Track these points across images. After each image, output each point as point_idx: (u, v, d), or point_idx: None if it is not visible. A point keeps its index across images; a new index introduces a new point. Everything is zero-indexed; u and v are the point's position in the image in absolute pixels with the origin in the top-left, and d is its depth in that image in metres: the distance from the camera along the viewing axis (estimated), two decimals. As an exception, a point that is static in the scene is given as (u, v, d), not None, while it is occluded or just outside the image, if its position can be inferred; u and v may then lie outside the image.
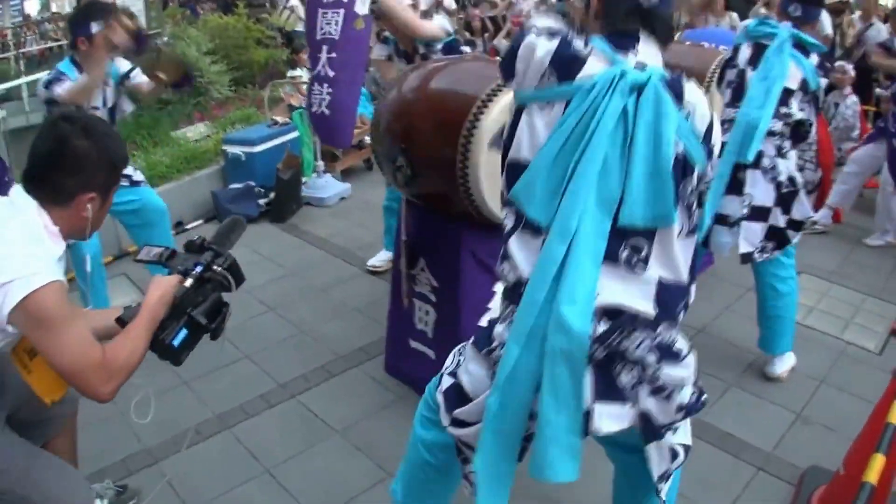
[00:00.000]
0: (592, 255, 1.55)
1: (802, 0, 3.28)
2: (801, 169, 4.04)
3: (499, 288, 1.80)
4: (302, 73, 7.55)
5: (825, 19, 8.31)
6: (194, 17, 11.22)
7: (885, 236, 5.29)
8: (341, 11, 5.13)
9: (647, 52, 1.64)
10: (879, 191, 5.37)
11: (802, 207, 3.36)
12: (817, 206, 5.62)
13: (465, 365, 1.85)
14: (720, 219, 3.41)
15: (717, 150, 1.66)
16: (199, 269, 2.01)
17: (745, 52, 3.40)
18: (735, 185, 3.33)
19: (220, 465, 2.99)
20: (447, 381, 1.91)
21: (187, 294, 1.97)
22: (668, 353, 1.67)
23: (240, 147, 5.85)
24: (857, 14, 8.43)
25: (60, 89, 3.60)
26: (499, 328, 1.72)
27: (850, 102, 6.73)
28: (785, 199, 3.32)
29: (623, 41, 1.63)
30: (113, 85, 3.89)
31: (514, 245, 1.68)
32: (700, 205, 1.68)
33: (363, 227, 5.50)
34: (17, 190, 1.85)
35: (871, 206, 5.61)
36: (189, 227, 5.46)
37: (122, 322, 1.93)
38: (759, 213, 3.33)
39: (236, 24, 8.87)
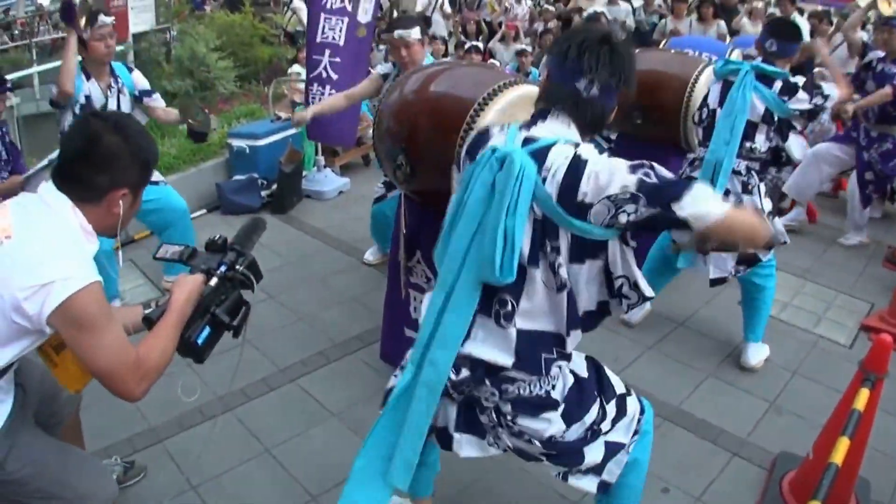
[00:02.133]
0: (464, 306, 1.73)
1: (779, 37, 3.27)
2: (774, 186, 4.06)
3: None
4: (301, 71, 7.54)
5: (804, 27, 8.35)
6: (199, 12, 11.15)
7: (858, 236, 5.31)
8: (345, 19, 5.17)
9: (548, 127, 1.75)
10: (848, 197, 5.37)
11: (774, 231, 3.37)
12: (791, 205, 5.65)
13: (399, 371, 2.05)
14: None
15: (601, 191, 1.61)
16: (223, 268, 1.99)
17: (715, 92, 3.43)
18: None
19: (222, 444, 3.00)
20: (392, 381, 2.09)
21: (211, 293, 1.95)
22: (527, 406, 1.81)
23: (244, 141, 5.85)
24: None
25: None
26: (410, 351, 1.91)
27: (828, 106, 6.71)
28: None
29: (536, 118, 1.79)
30: (128, 94, 3.88)
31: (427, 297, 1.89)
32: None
33: (360, 220, 5.49)
34: (47, 188, 1.77)
35: (844, 207, 5.64)
36: (194, 215, 5.43)
37: (148, 321, 1.89)
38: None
39: (242, 21, 8.85)
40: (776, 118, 3.25)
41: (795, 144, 3.34)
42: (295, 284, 4.46)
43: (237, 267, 2.00)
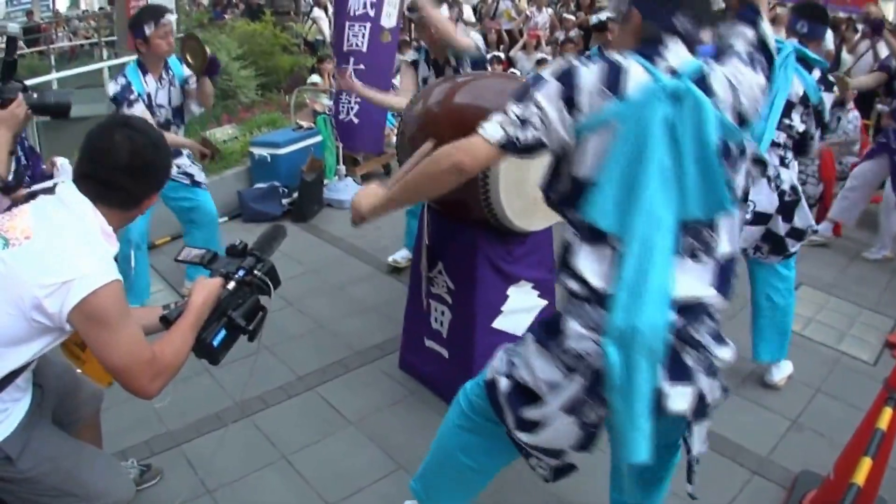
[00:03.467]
0: (665, 255, 1.63)
1: (809, 18, 3.34)
2: (803, 183, 4.05)
3: (512, 292, 1.86)
4: (318, 81, 7.63)
5: (827, 35, 8.30)
6: (219, 21, 11.30)
7: (883, 250, 5.28)
8: (368, 25, 5.21)
9: (676, 54, 1.71)
10: (882, 205, 5.35)
11: (804, 215, 3.38)
12: (818, 220, 5.63)
13: (524, 362, 1.86)
14: None
15: (755, 104, 1.74)
16: (241, 273, 2.02)
17: None
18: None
19: (239, 450, 3.04)
20: (505, 383, 1.91)
21: (228, 297, 1.98)
22: (718, 337, 1.79)
23: (266, 149, 5.94)
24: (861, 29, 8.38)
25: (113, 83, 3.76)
26: (573, 325, 1.75)
27: (852, 117, 6.70)
28: (787, 207, 3.34)
29: (651, 49, 1.71)
30: (178, 85, 3.98)
31: (584, 261, 1.74)
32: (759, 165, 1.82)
33: (380, 229, 5.52)
34: (67, 189, 1.80)
35: (871, 221, 5.60)
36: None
37: (165, 321, 1.94)
38: (760, 218, 3.36)
39: (263, 31, 8.97)
40: (811, 104, 3.29)
41: (817, 139, 3.41)
42: (314, 292, 4.50)
43: (255, 272, 2.03)
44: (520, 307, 3.13)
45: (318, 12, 10.71)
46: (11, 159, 2.64)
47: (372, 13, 5.31)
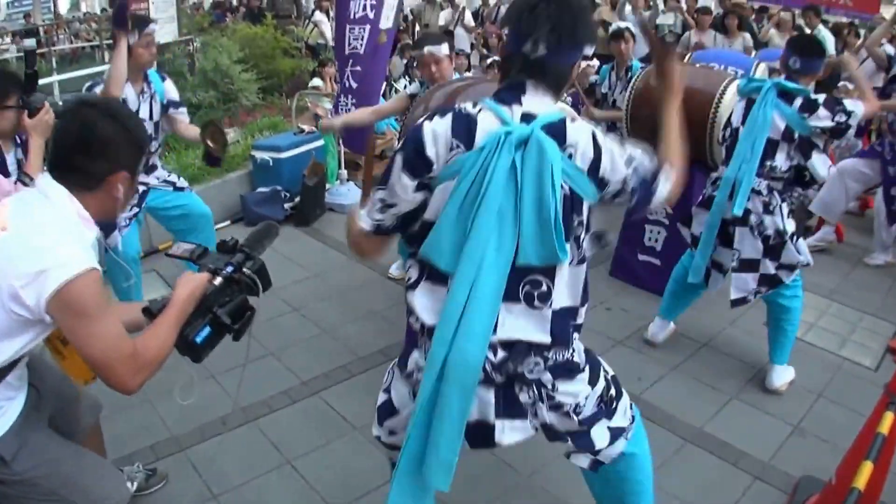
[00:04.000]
0: (491, 296, 1.70)
1: (802, 54, 3.31)
2: (801, 202, 4.06)
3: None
4: (320, 84, 7.66)
5: (829, 40, 8.35)
6: (220, 24, 11.33)
7: (885, 256, 5.31)
8: (367, 27, 5.24)
9: (534, 101, 1.75)
10: (875, 214, 5.37)
11: (790, 254, 3.40)
12: (818, 227, 5.65)
13: (393, 383, 2.03)
14: (716, 265, 3.57)
15: (614, 174, 1.76)
16: (229, 269, 1.98)
17: (739, 111, 3.46)
18: (725, 238, 3.46)
19: (243, 454, 3.07)
20: (382, 397, 2.07)
21: (215, 293, 1.94)
22: (562, 371, 1.84)
23: (268, 153, 5.95)
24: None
25: (98, 88, 3.73)
26: (414, 354, 1.91)
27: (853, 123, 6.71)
28: (773, 250, 3.39)
29: (510, 94, 1.75)
30: (159, 101, 3.96)
31: (419, 298, 1.83)
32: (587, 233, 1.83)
33: (382, 233, 5.56)
34: (44, 178, 1.79)
35: (871, 226, 5.63)
36: (217, 227, 5.52)
37: (148, 313, 1.90)
38: (748, 266, 3.43)
39: (265, 34, 8.98)
40: (797, 136, 3.27)
41: (819, 163, 3.33)
42: (318, 297, 4.53)
43: (245, 269, 1.99)
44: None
45: (319, 16, 10.73)
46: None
47: (371, 15, 5.34)
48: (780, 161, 3.31)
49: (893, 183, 5.12)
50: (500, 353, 1.77)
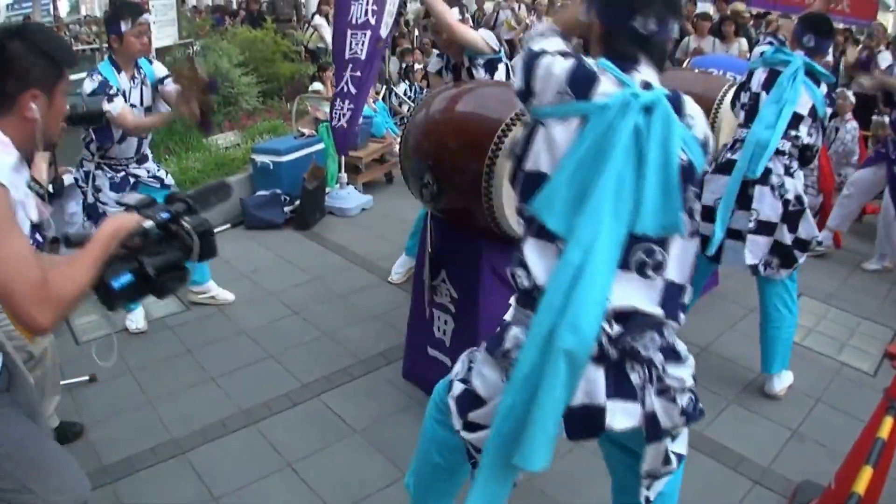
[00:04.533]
0: (607, 264, 1.59)
1: (816, 32, 3.37)
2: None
3: (515, 301, 1.86)
4: (321, 88, 7.68)
5: (827, 45, 8.36)
6: (220, 27, 11.33)
7: (882, 261, 5.34)
8: (368, 33, 5.26)
9: (648, 73, 1.73)
10: (880, 216, 5.39)
11: (808, 226, 3.42)
12: (818, 230, 5.68)
13: (477, 370, 1.88)
14: (733, 234, 3.47)
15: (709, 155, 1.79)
16: (165, 215, 1.81)
17: (760, 77, 3.48)
18: (744, 201, 3.41)
19: (244, 457, 3.07)
20: (458, 387, 1.92)
21: (147, 243, 1.78)
22: (672, 354, 1.75)
23: (268, 156, 5.96)
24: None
25: (114, 110, 3.64)
26: (513, 330, 1.76)
27: (850, 128, 6.76)
28: (791, 217, 3.38)
29: (626, 63, 1.71)
30: (150, 85, 3.95)
31: (530, 252, 1.71)
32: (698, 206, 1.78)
33: (383, 238, 5.58)
34: None
35: (869, 232, 5.66)
36: (217, 230, 5.51)
37: (66, 240, 1.79)
38: (764, 228, 3.39)
39: (265, 38, 8.99)
40: (819, 117, 3.36)
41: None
42: (318, 300, 4.54)
43: (183, 221, 1.81)
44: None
45: (319, 20, 10.74)
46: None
47: (373, 21, 5.35)
48: (804, 132, 3.36)
49: None
50: (616, 326, 1.65)
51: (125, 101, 3.77)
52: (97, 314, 2.22)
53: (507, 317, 1.84)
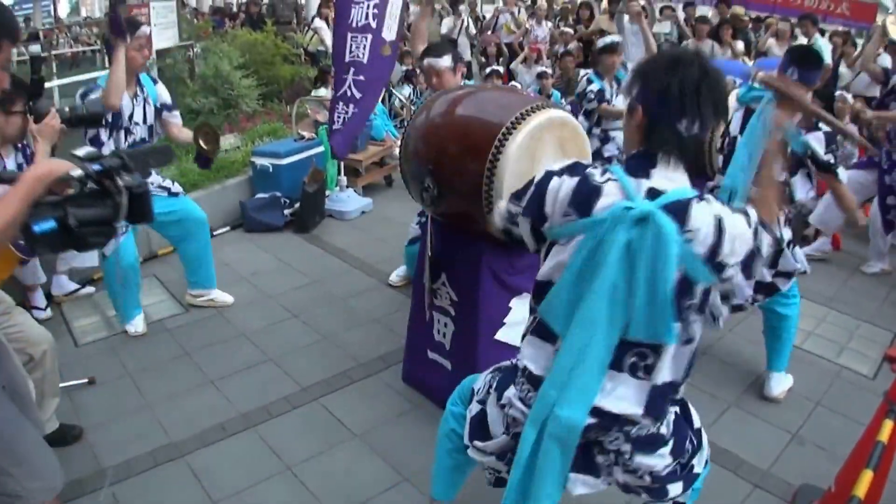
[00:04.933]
0: (598, 365, 1.73)
1: (800, 64, 3.27)
2: (798, 211, 4.05)
3: (515, 304, 1.93)
4: (327, 92, 7.67)
5: (826, 49, 8.38)
6: (220, 30, 11.34)
7: (881, 264, 5.34)
8: (369, 36, 5.25)
9: (665, 175, 1.71)
10: (870, 223, 5.39)
11: (787, 262, 3.38)
12: (816, 235, 5.68)
13: (492, 400, 2.06)
14: None
15: (733, 257, 1.69)
16: (97, 167, 1.74)
17: (737, 120, 3.44)
18: None
19: (243, 461, 3.07)
20: (476, 408, 2.13)
21: (81, 195, 1.73)
22: (644, 445, 1.87)
23: (268, 159, 5.96)
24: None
25: (94, 94, 3.70)
26: (511, 391, 1.97)
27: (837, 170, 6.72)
28: (769, 259, 3.36)
29: (641, 164, 1.74)
30: (153, 105, 3.97)
31: (527, 344, 1.92)
32: (724, 301, 1.82)
33: (382, 241, 5.57)
34: None
35: (868, 235, 5.65)
36: (216, 233, 5.54)
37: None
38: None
39: (265, 40, 8.99)
40: (790, 150, 3.24)
41: (799, 184, 3.34)
42: (318, 304, 4.53)
43: (117, 177, 1.75)
44: (522, 319, 3.14)
45: (319, 23, 10.74)
46: None
47: (374, 24, 5.34)
48: (776, 171, 3.30)
49: (889, 192, 5.16)
50: (590, 419, 1.78)
51: (121, 114, 3.80)
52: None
53: (512, 363, 2.04)
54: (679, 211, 1.65)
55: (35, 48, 3.43)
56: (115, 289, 4.02)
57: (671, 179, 1.71)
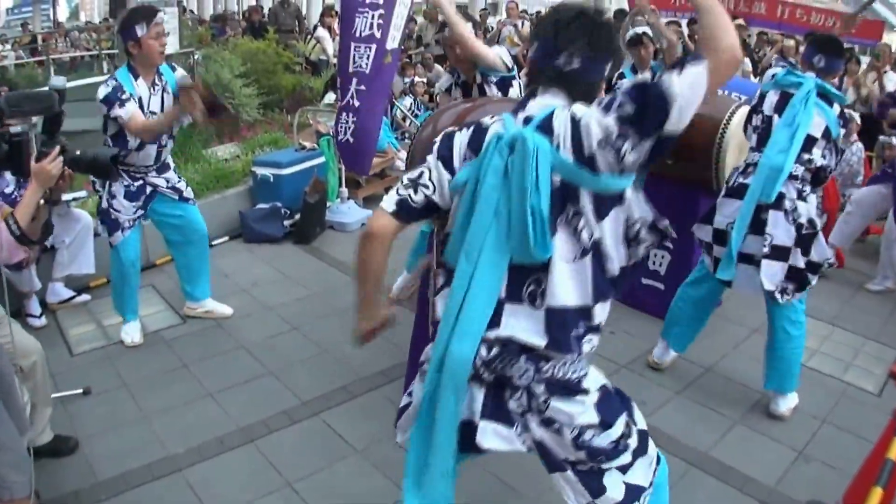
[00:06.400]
0: (487, 292, 1.74)
1: (826, 52, 3.39)
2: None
3: None
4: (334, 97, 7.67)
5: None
6: (221, 37, 11.37)
7: (886, 282, 5.34)
8: (373, 46, 5.24)
9: (541, 103, 1.78)
10: (884, 236, 5.41)
11: (821, 248, 3.42)
12: (825, 250, 5.69)
13: (415, 385, 2.04)
14: (744, 258, 3.48)
15: (591, 138, 1.67)
16: None
17: (772, 100, 3.49)
18: (757, 226, 3.41)
19: (242, 476, 3.04)
20: (405, 400, 2.10)
21: None
22: (560, 388, 1.80)
23: (268, 169, 5.96)
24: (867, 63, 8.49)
25: (125, 114, 3.60)
26: (428, 349, 1.94)
27: (856, 149, 6.79)
28: (804, 240, 3.38)
29: (524, 101, 1.83)
30: (171, 92, 3.89)
31: (440, 298, 1.90)
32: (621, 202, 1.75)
33: (383, 251, 5.55)
34: None
35: (873, 252, 5.67)
36: (216, 242, 5.53)
37: None
38: (778, 253, 3.39)
39: (266, 49, 8.99)
40: (833, 137, 3.36)
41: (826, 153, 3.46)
42: (318, 316, 4.52)
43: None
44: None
45: (321, 32, 10.77)
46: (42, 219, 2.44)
47: (378, 34, 5.33)
48: (817, 155, 3.36)
49: None
50: (493, 351, 1.78)
51: (143, 107, 3.73)
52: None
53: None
54: (546, 126, 1.72)
55: (60, 81, 3.36)
56: (117, 284, 4.05)
57: (545, 105, 1.77)
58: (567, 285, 1.74)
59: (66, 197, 4.24)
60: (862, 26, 9.30)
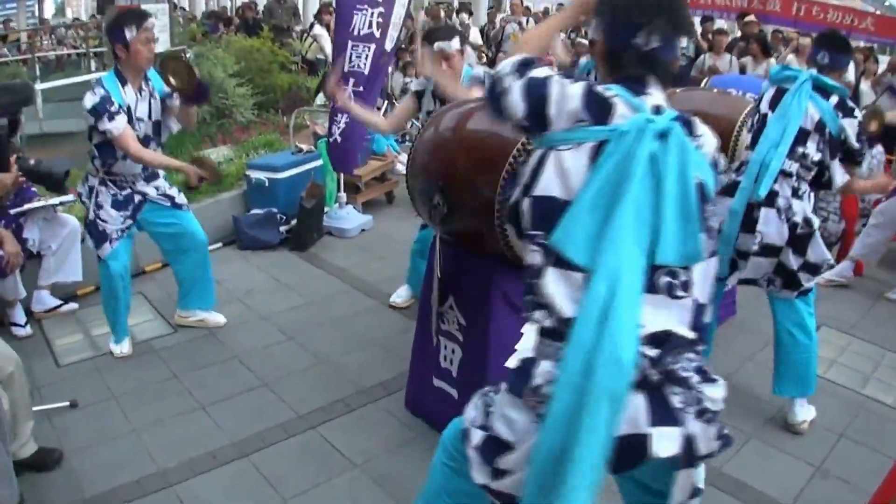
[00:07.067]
0: (634, 291, 1.62)
1: (830, 48, 3.42)
2: (824, 220, 4.07)
3: (528, 329, 1.84)
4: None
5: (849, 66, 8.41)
6: (213, 35, 11.39)
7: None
8: (372, 46, 5.28)
9: (658, 96, 1.77)
10: None
11: (818, 250, 3.42)
12: (839, 259, 5.69)
13: (499, 413, 1.83)
14: (741, 254, 3.51)
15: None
16: None
17: (767, 97, 3.54)
18: (749, 224, 3.43)
19: (235, 492, 3.04)
20: (478, 435, 1.86)
21: None
22: (706, 375, 1.76)
23: (263, 173, 5.95)
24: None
25: (116, 131, 3.61)
26: (543, 365, 1.72)
27: (876, 152, 6.78)
28: (799, 240, 3.39)
29: (636, 86, 1.76)
30: (158, 98, 3.90)
31: (552, 285, 1.71)
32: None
33: (383, 260, 5.58)
34: None
35: (893, 260, 5.67)
36: (209, 249, 5.53)
37: None
38: (768, 251, 3.42)
39: (261, 47, 8.99)
40: (827, 131, 3.36)
41: (839, 169, 3.43)
42: (315, 326, 4.53)
43: None
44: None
45: (319, 29, 10.80)
46: None
47: (377, 34, 5.37)
48: (812, 149, 3.36)
49: None
50: (654, 349, 1.65)
51: (131, 116, 3.73)
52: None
53: (528, 351, 1.79)
54: (685, 122, 1.73)
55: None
56: (106, 299, 4.07)
57: (662, 98, 1.78)
58: (701, 280, 1.74)
59: (52, 201, 4.26)
60: (881, 24, 9.31)
